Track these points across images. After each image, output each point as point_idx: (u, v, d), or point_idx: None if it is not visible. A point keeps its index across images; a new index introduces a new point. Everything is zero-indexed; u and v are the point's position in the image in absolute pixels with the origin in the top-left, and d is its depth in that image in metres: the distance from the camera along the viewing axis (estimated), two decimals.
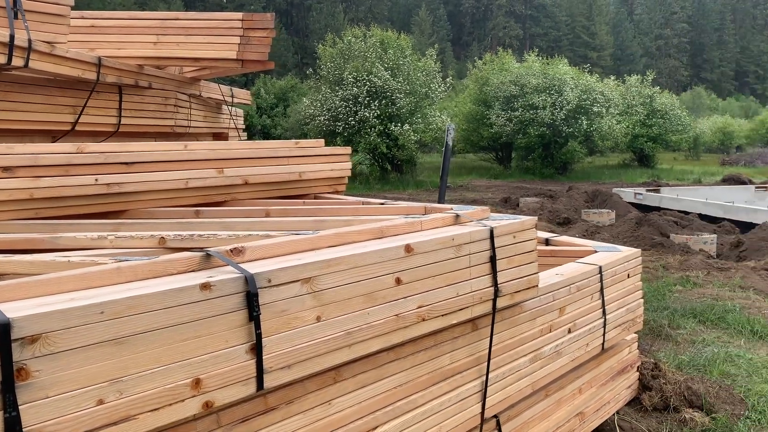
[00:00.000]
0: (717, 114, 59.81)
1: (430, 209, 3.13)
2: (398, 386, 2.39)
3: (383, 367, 2.33)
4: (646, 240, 11.17)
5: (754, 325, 6.02)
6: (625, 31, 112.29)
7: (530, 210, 16.10)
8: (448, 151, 6.74)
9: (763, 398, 4.33)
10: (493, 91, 30.87)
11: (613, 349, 3.95)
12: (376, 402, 2.30)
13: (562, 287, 3.34)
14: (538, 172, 30.40)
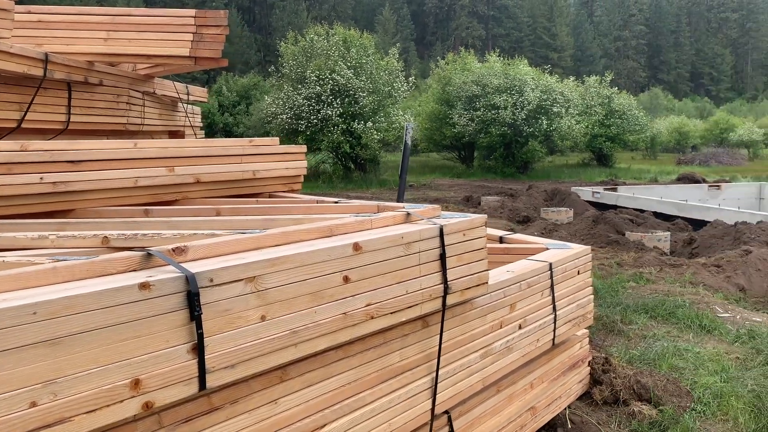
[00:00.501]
0: (673, 114, 61.38)
1: (383, 208, 3.15)
2: (346, 384, 2.40)
3: (331, 365, 2.34)
4: (602, 237, 11.41)
5: (703, 320, 6.20)
6: (585, 32, 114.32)
7: (491, 208, 16.27)
8: (407, 150, 6.78)
9: (708, 390, 4.47)
10: (455, 90, 31.12)
11: (564, 345, 4.02)
12: (323, 400, 2.30)
13: (513, 284, 3.39)
14: (499, 171, 30.75)
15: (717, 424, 4.09)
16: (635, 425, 4.00)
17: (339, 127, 24.36)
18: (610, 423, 4.04)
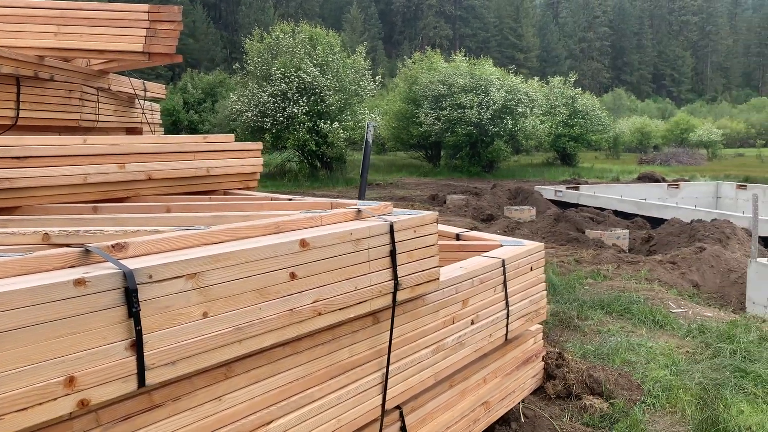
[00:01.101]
0: (636, 115, 62.61)
1: (336, 205, 3.16)
2: (294, 381, 2.40)
3: (278, 362, 2.34)
4: (562, 235, 11.59)
5: (656, 315, 6.35)
6: (551, 33, 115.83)
7: (456, 207, 16.41)
8: (368, 148, 6.80)
9: (658, 383, 4.59)
10: (422, 90, 31.26)
11: (518, 340, 4.09)
12: (270, 397, 2.30)
13: (465, 280, 3.43)
14: (465, 170, 30.98)
15: (665, 417, 4.20)
16: (587, 418, 4.09)
17: (305, 125, 24.25)
18: (562, 417, 4.11)
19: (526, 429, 4.02)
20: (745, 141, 62.41)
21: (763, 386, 4.46)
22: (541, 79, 39.46)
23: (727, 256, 9.30)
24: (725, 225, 11.29)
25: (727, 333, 5.65)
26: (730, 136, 57.92)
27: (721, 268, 8.94)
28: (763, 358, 4.98)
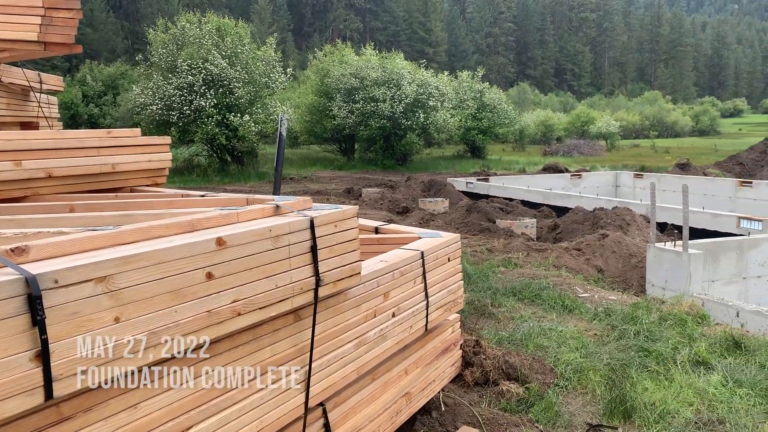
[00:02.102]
0: (540, 108, 65.16)
1: (252, 201, 3.07)
2: (216, 382, 2.32)
3: (196, 364, 2.25)
4: (475, 225, 11.89)
5: (565, 300, 6.63)
6: (458, 28, 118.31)
7: (372, 200, 16.49)
8: (282, 142, 6.67)
9: (569, 366, 4.78)
10: (334, 83, 31.15)
11: (437, 330, 4.14)
12: (189, 401, 2.21)
13: (386, 273, 3.44)
14: (380, 163, 31.19)
15: (577, 397, 4.39)
16: (504, 404, 4.21)
17: (214, 118, 23.61)
18: (481, 403, 4.22)
19: (447, 417, 4.08)
20: (640, 132, 66.27)
21: (665, 364, 4.75)
22: (450, 74, 40.29)
23: (627, 242, 9.84)
24: (625, 212, 11.94)
25: (631, 315, 5.98)
26: (626, 128, 61.35)
27: (623, 254, 9.45)
28: (663, 338, 5.30)
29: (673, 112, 76.88)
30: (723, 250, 8.27)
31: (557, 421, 4.03)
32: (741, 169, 26.46)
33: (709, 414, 4.00)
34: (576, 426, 4.00)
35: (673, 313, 5.99)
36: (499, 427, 3.94)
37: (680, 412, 4.02)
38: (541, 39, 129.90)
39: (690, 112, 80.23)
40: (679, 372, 4.59)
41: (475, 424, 3.96)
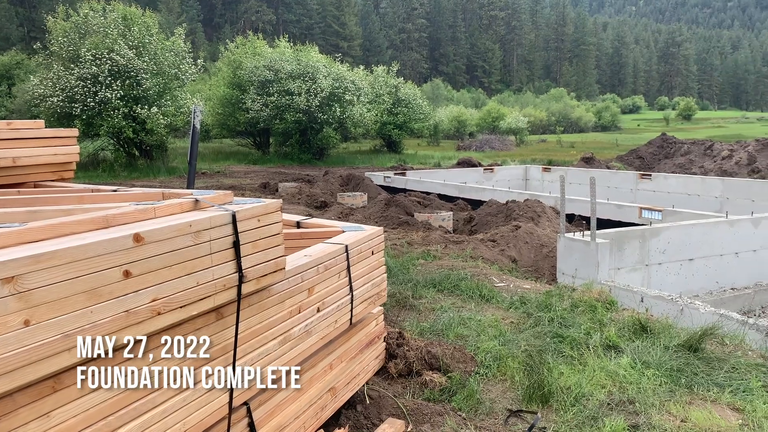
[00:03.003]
0: (453, 104, 66.54)
1: (169, 195, 2.95)
2: (135, 386, 2.20)
3: (115, 367, 2.13)
4: (394, 219, 11.98)
5: (482, 290, 6.79)
6: (372, 23, 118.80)
7: (289, 195, 16.29)
8: (196, 135, 6.47)
9: (489, 354, 4.90)
10: (247, 75, 30.51)
11: (361, 323, 4.13)
12: (107, 407, 2.09)
13: (311, 268, 3.39)
14: (296, 157, 30.86)
15: (497, 384, 4.51)
16: (428, 393, 4.26)
17: (120, 110, 22.57)
18: (405, 394, 4.25)
19: (372, 410, 4.09)
20: (547, 128, 68.95)
21: (578, 349, 4.95)
22: (365, 68, 40.38)
23: (539, 233, 10.21)
24: (536, 204, 12.38)
25: (545, 303, 6.20)
26: (534, 124, 63.71)
27: (535, 244, 9.79)
28: (576, 324, 5.53)
29: (577, 109, 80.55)
30: (627, 239, 8.72)
31: (479, 408, 4.12)
32: (641, 162, 28.04)
33: (620, 395, 4.20)
34: (497, 412, 4.11)
35: (584, 300, 6.26)
36: (423, 417, 3.98)
37: (594, 395, 4.20)
38: (453, 36, 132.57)
39: (593, 109, 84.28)
40: (592, 356, 4.80)
41: (399, 415, 3.98)
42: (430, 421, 3.93)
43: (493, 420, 4.01)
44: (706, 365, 4.69)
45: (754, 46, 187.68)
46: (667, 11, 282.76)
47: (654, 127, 74.22)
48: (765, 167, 22.57)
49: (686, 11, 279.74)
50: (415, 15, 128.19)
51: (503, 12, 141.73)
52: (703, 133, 58.00)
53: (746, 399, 4.18)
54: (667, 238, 8.95)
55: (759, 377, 4.46)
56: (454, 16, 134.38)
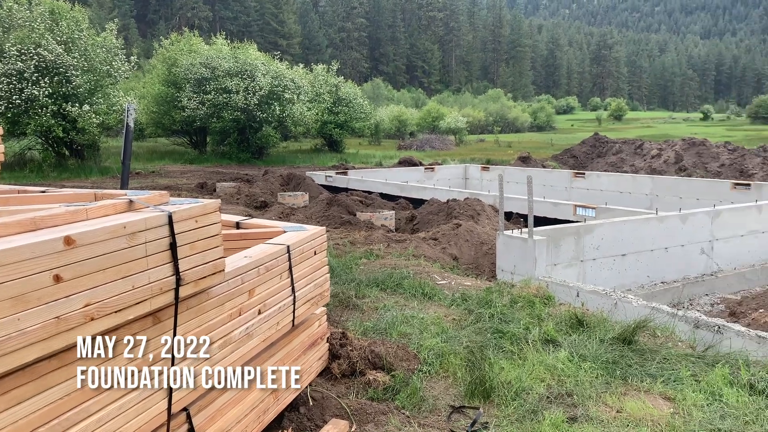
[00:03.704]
0: (393, 103, 66.91)
1: (101, 196, 2.84)
2: (66, 396, 2.11)
3: (45, 377, 2.03)
4: (336, 219, 11.94)
5: (425, 288, 6.84)
6: (312, 21, 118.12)
7: (228, 195, 16.00)
8: (130, 134, 6.27)
9: (432, 351, 4.94)
10: (183, 72, 29.81)
11: (304, 325, 4.09)
12: (37, 417, 1.99)
13: (251, 269, 3.33)
14: (234, 156, 30.37)
15: (440, 381, 4.55)
16: (371, 393, 4.26)
17: (48, 108, 21.65)
18: (348, 394, 4.23)
19: (315, 411, 4.06)
20: (485, 128, 70.24)
21: (518, 344, 5.05)
22: (305, 67, 40.12)
23: (479, 231, 10.37)
24: (475, 203, 12.57)
25: (485, 299, 6.30)
26: (473, 124, 64.78)
27: (475, 242, 9.95)
28: (515, 319, 5.64)
29: (513, 109, 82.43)
30: (563, 235, 8.96)
31: (422, 405, 4.14)
32: (574, 161, 28.91)
33: (559, 388, 4.31)
34: (440, 409, 4.14)
35: (523, 296, 6.40)
36: (367, 417, 3.98)
37: (534, 388, 4.30)
38: (392, 36, 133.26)
39: (529, 109, 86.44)
40: (531, 351, 4.90)
41: (343, 415, 3.96)
42: (374, 420, 3.93)
43: (437, 417, 4.05)
44: (640, 357, 4.87)
45: (679, 49, 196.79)
46: (599, 14, 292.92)
47: (587, 127, 76.68)
48: (691, 165, 23.65)
49: (616, 15, 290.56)
50: (354, 14, 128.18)
51: (442, 13, 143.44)
52: (633, 132, 60.33)
53: (677, 388, 4.36)
54: (600, 234, 9.25)
55: (688, 367, 4.66)
56: (393, 16, 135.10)
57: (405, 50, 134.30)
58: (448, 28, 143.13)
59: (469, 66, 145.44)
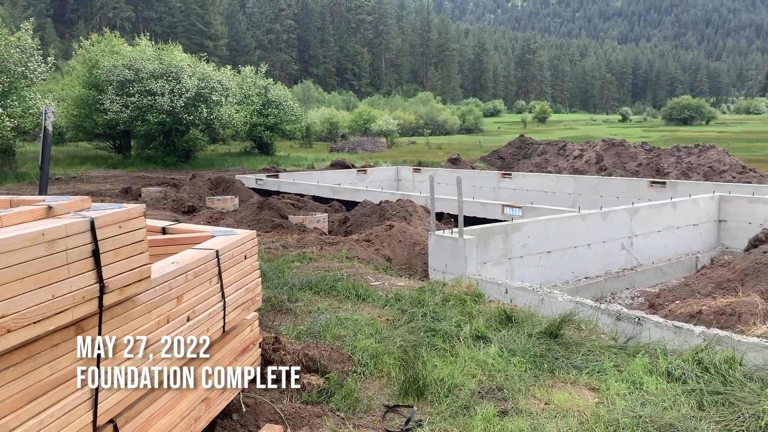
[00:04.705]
0: (324, 106, 66.76)
1: (17, 203, 2.72)
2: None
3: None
4: (267, 222, 11.81)
5: (358, 290, 6.87)
6: (239, 23, 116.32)
7: (153, 200, 15.55)
8: (48, 137, 6.00)
9: (366, 352, 4.96)
10: (104, 74, 28.74)
11: (235, 330, 4.03)
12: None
13: (179, 275, 3.26)
14: (160, 160, 29.55)
15: (374, 381, 4.58)
16: (306, 396, 4.24)
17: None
18: (282, 399, 4.20)
19: (248, 418, 4.00)
20: (416, 130, 71.03)
21: (450, 341, 5.15)
22: (233, 68, 39.45)
23: (411, 231, 10.49)
24: (408, 204, 12.71)
25: (418, 298, 6.38)
26: (404, 126, 65.36)
27: (408, 242, 10.06)
28: (447, 317, 5.74)
29: (443, 112, 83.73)
30: (491, 234, 9.18)
31: (357, 406, 4.16)
32: (502, 162, 29.63)
33: (490, 383, 4.42)
34: (375, 409, 4.17)
35: (454, 294, 6.52)
36: (302, 420, 3.96)
37: (466, 384, 4.38)
38: (322, 38, 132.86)
39: (457, 112, 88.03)
40: (463, 347, 5.00)
41: (277, 420, 3.93)
42: (308, 423, 3.91)
43: (371, 417, 4.07)
44: (566, 350, 5.05)
45: (599, 53, 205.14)
46: (523, 19, 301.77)
47: (513, 129, 78.77)
48: (611, 165, 24.68)
49: (539, 20, 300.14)
50: (282, 16, 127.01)
51: (371, 16, 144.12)
52: (556, 134, 62.41)
53: (601, 378, 4.54)
54: (527, 232, 9.53)
55: (611, 358, 4.87)
56: (322, 19, 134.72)
57: (335, 52, 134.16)
58: (378, 32, 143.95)
59: (398, 69, 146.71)
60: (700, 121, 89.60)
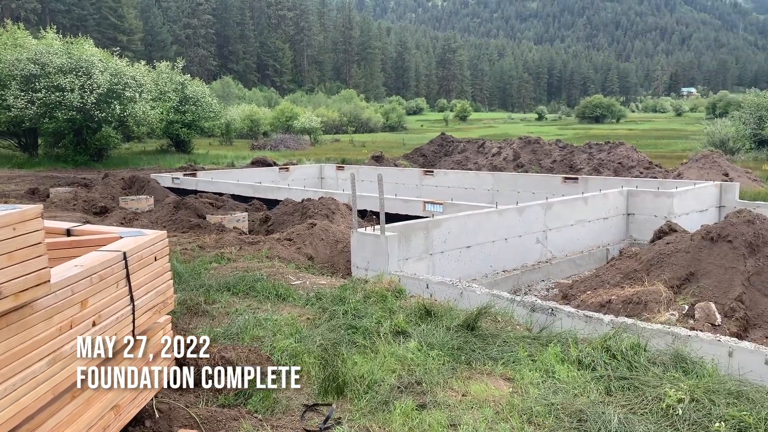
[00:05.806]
0: (245, 103, 65.53)
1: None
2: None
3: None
4: (184, 223, 11.48)
5: (279, 290, 6.78)
6: (154, 17, 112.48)
7: (63, 201, 14.82)
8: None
9: (285, 352, 4.90)
10: (7, 68, 27.10)
11: (146, 334, 3.89)
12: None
13: (83, 278, 3.11)
14: (70, 159, 28.22)
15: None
16: (222, 399, 4.15)
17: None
18: (198, 403, 4.10)
19: (162, 424, 3.88)
20: (339, 128, 70.89)
21: (370, 338, 5.16)
22: (147, 64, 38.08)
23: (333, 229, 10.46)
24: (330, 202, 12.66)
25: (339, 296, 6.37)
26: (327, 124, 65.10)
27: (330, 240, 10.02)
28: (368, 314, 5.76)
29: (366, 110, 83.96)
30: (413, 231, 9.28)
31: (275, 407, 4.11)
32: (424, 160, 30.02)
33: (409, 377, 4.46)
34: (293, 409, 4.13)
35: (376, 291, 6.54)
36: (218, 424, 3.87)
37: (385, 380, 4.41)
38: (242, 33, 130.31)
39: (381, 110, 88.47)
40: (383, 343, 5.03)
41: (193, 425, 3.83)
42: (225, 427, 3.83)
43: (290, 417, 4.03)
44: (482, 341, 5.17)
45: (516, 54, 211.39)
46: (443, 19, 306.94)
47: (435, 127, 79.97)
48: (527, 162, 25.48)
49: (459, 20, 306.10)
50: (200, 10, 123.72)
51: (291, 12, 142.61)
52: (476, 132, 63.82)
53: (515, 368, 4.68)
54: (447, 228, 9.69)
55: (525, 348, 5.02)
56: (241, 14, 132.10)
57: (255, 48, 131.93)
58: (299, 28, 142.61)
59: (321, 66, 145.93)
60: (611, 120, 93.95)
